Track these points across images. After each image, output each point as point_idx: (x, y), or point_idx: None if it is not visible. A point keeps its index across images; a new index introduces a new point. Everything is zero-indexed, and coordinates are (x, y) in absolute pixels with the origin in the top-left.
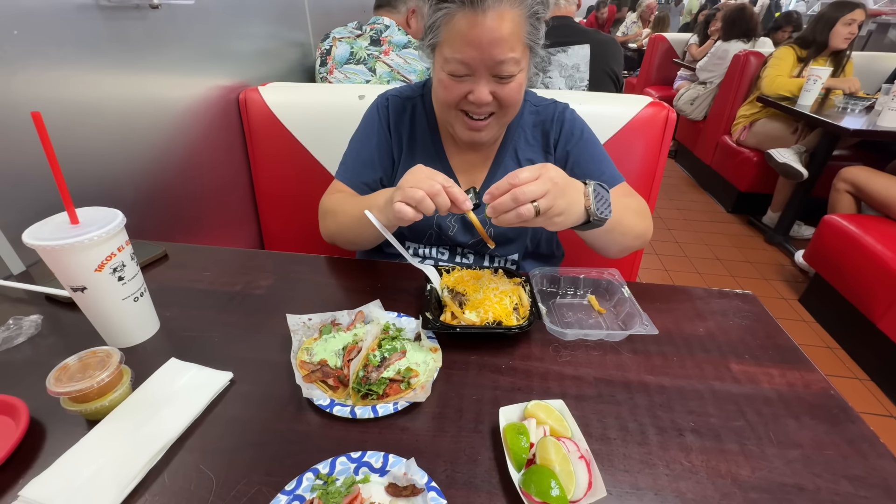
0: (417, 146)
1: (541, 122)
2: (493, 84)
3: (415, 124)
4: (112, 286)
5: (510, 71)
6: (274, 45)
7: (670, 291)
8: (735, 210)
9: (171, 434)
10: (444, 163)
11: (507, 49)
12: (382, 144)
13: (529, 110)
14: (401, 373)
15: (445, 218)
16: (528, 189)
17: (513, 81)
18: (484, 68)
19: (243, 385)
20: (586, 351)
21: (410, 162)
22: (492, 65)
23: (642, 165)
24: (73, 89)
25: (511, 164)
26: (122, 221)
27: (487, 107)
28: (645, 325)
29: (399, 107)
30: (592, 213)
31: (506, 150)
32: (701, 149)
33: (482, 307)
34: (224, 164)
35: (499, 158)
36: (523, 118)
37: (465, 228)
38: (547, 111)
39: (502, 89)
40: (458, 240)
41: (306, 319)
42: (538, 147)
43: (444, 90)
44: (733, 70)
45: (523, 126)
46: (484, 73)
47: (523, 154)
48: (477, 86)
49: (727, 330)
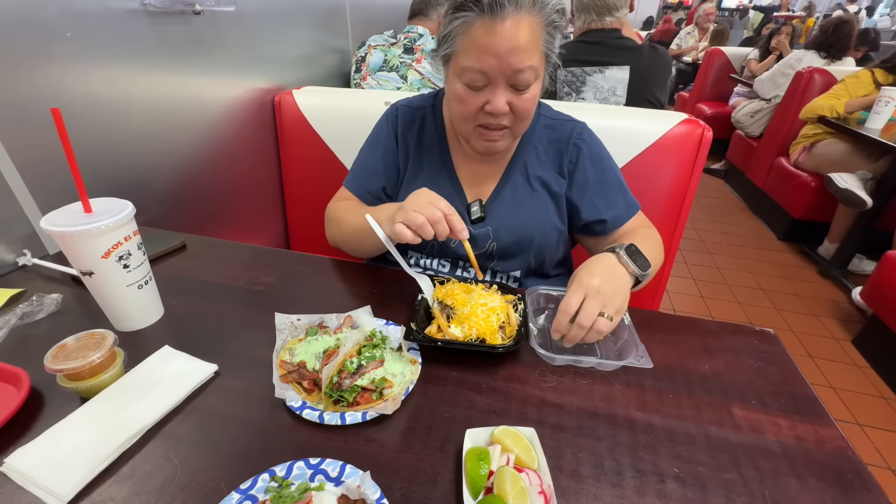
0: (425, 157)
1: (556, 140)
2: (510, 94)
3: (423, 135)
4: (117, 273)
5: (528, 80)
6: (313, 51)
7: (680, 322)
8: (787, 238)
9: (147, 419)
10: (451, 174)
11: (526, 58)
12: (388, 154)
13: (543, 124)
14: (375, 382)
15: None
16: (589, 311)
17: (528, 92)
18: (502, 77)
19: (226, 378)
20: (574, 378)
21: (417, 172)
22: (510, 74)
23: (672, 185)
24: (117, 87)
25: (520, 180)
26: (131, 213)
27: (504, 118)
28: (639, 358)
29: (409, 117)
30: (638, 276)
31: (515, 166)
32: (753, 170)
33: (468, 322)
34: (256, 164)
35: (508, 173)
36: (535, 132)
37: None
38: (563, 129)
39: (518, 100)
40: (460, 253)
41: (294, 319)
42: (550, 166)
43: (461, 103)
44: (795, 87)
45: (535, 141)
46: (501, 82)
47: (533, 171)
48: (494, 95)
49: (736, 370)
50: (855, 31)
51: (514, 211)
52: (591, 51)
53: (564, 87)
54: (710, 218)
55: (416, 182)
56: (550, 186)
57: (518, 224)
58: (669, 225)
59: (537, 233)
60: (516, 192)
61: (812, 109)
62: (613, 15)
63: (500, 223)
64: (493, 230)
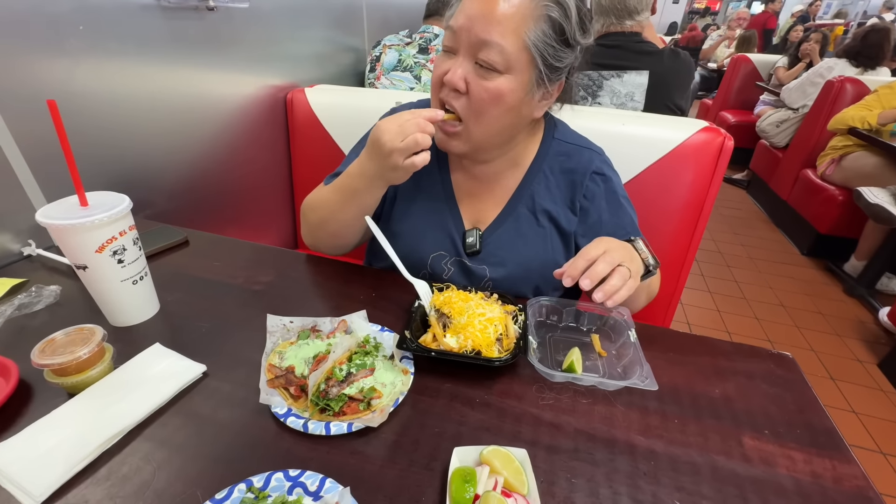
0: (423, 180)
1: (570, 171)
2: (471, 70)
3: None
4: (111, 267)
5: (491, 59)
6: (328, 49)
7: (690, 341)
8: (811, 253)
9: (129, 420)
10: (448, 195)
11: (496, 31)
12: None
13: (558, 150)
14: (363, 392)
15: (439, 260)
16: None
17: (491, 80)
18: (467, 44)
19: (214, 380)
20: (574, 397)
21: (414, 194)
22: (475, 42)
23: (690, 196)
24: (129, 82)
25: (524, 213)
26: (127, 208)
27: (458, 98)
28: (643, 379)
29: None
30: (651, 264)
31: (521, 196)
32: (778, 182)
33: (464, 333)
34: (267, 162)
35: (512, 203)
36: (548, 158)
37: (461, 273)
38: (579, 159)
39: (476, 83)
40: (456, 280)
41: (287, 322)
42: (560, 198)
43: (434, 68)
44: (824, 97)
45: (546, 169)
46: (465, 50)
47: (542, 204)
48: (454, 64)
49: (749, 395)
50: (891, 40)
51: (515, 246)
52: (609, 54)
53: (580, 90)
54: (731, 230)
55: (412, 205)
56: (559, 222)
57: (518, 261)
58: (685, 236)
59: (538, 273)
60: (519, 225)
61: (842, 120)
62: (634, 18)
63: (497, 258)
64: (489, 269)
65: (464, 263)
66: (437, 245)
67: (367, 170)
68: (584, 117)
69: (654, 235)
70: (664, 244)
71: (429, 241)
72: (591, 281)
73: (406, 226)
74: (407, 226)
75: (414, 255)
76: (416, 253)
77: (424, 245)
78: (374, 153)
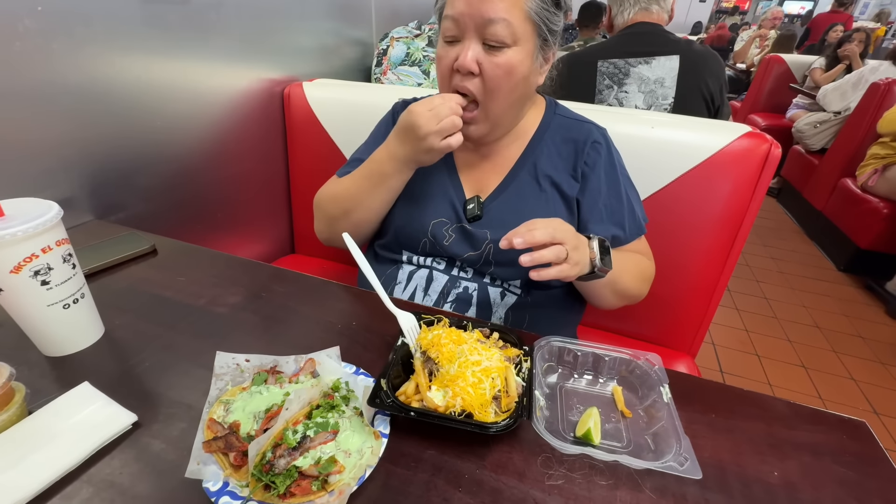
0: None
1: (572, 140)
2: (482, 52)
3: None
4: (33, 291)
5: (499, 35)
6: (332, 42)
7: (737, 399)
8: (849, 269)
9: (25, 492)
10: (450, 168)
11: (501, 9)
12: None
13: (559, 123)
14: (320, 464)
15: (440, 227)
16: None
17: (502, 55)
18: (472, 26)
19: (145, 434)
20: (589, 475)
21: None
22: (480, 23)
23: (727, 208)
24: (97, 71)
25: (527, 178)
26: (53, 219)
27: (473, 82)
28: (682, 458)
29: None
30: (597, 265)
31: (524, 164)
32: (812, 190)
33: (452, 387)
34: (261, 161)
35: (514, 171)
36: (550, 129)
37: (462, 238)
38: (580, 129)
39: (490, 61)
40: (454, 251)
41: (242, 360)
42: (563, 166)
43: (439, 63)
44: (869, 100)
45: (549, 139)
46: (472, 33)
47: (543, 170)
48: (464, 48)
49: (819, 480)
50: None
51: (517, 211)
52: (638, 41)
53: (605, 79)
54: (759, 241)
55: (414, 177)
56: (562, 188)
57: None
58: (719, 255)
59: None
60: (521, 191)
61: (892, 122)
62: (660, 4)
63: (499, 223)
64: (490, 231)
65: (465, 228)
66: (437, 212)
67: (397, 153)
68: (606, 119)
69: (684, 254)
70: (695, 264)
71: (429, 209)
72: (523, 240)
73: (406, 194)
74: (405, 192)
75: (415, 223)
76: (416, 220)
77: (425, 212)
78: (408, 137)
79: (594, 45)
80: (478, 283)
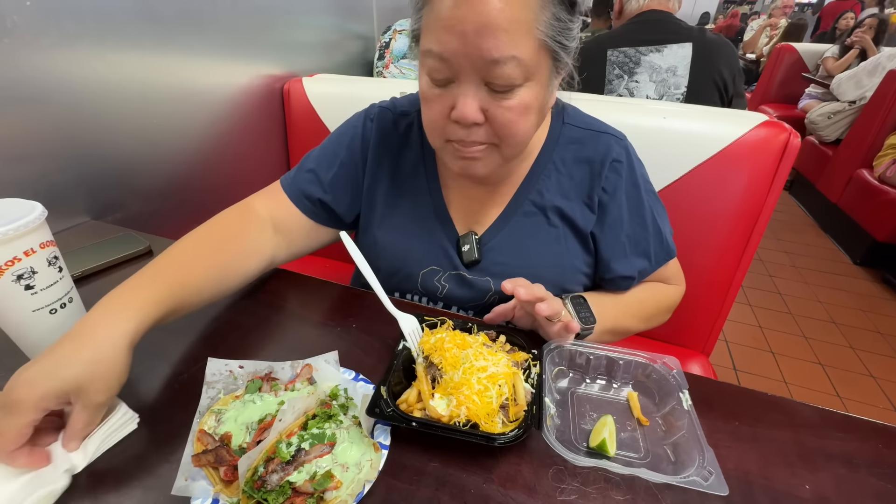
0: (405, 172)
1: (585, 160)
2: (486, 96)
3: (405, 147)
4: (16, 295)
5: (507, 77)
6: (333, 36)
7: (761, 405)
8: (866, 263)
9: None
10: (436, 199)
11: (506, 43)
12: (350, 168)
13: (569, 136)
14: (315, 479)
15: (431, 277)
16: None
17: (513, 97)
18: (470, 69)
19: (131, 446)
20: (605, 490)
21: (395, 201)
22: (481, 65)
23: (742, 202)
24: (89, 68)
25: (532, 211)
26: (36, 220)
27: (477, 132)
28: (706, 472)
29: (387, 125)
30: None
31: (527, 192)
32: (827, 182)
33: (457, 395)
34: (261, 159)
35: (516, 201)
36: (557, 148)
37: (459, 286)
38: (597, 145)
39: (497, 107)
40: (452, 300)
41: (236, 367)
42: (576, 194)
43: (426, 105)
44: (886, 88)
45: (557, 160)
46: (470, 76)
47: (552, 199)
48: (461, 95)
49: (854, 495)
50: None
51: (521, 251)
52: (649, 29)
53: (615, 68)
54: (772, 234)
55: (395, 214)
56: (574, 221)
57: (527, 268)
58: (734, 251)
59: (552, 282)
60: (527, 227)
61: None
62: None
63: (502, 267)
64: (493, 280)
65: (463, 277)
66: (426, 259)
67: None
68: (614, 110)
69: (697, 250)
70: (709, 260)
71: (416, 255)
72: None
73: (389, 238)
74: (390, 238)
75: (402, 273)
76: (403, 270)
77: (411, 260)
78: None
79: (602, 33)
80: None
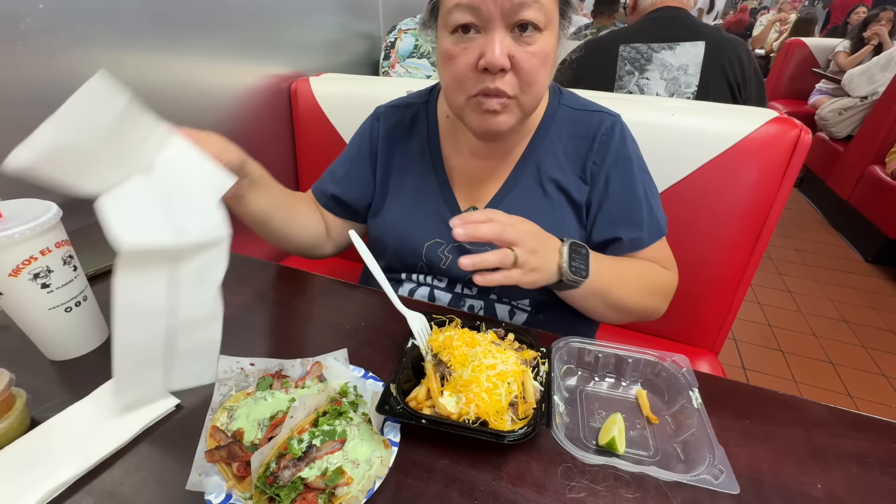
0: (412, 157)
1: (580, 136)
2: (511, 43)
3: (412, 136)
4: (33, 294)
5: (534, 18)
6: (339, 35)
7: (772, 403)
8: (878, 261)
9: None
10: (440, 175)
11: None
12: (359, 162)
13: (564, 116)
14: (326, 476)
15: (435, 249)
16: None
17: (535, 42)
18: (498, 14)
19: (146, 443)
20: (614, 487)
21: (402, 181)
22: (509, 9)
23: (752, 199)
24: (101, 67)
25: (530, 184)
26: (52, 219)
27: (505, 79)
28: (716, 471)
29: (393, 119)
30: (565, 272)
31: (525, 165)
32: (837, 179)
33: (466, 392)
34: (269, 158)
35: (515, 174)
36: (554, 125)
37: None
38: (590, 121)
39: (522, 52)
40: (454, 273)
41: (247, 364)
42: (570, 167)
43: (450, 61)
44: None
45: (553, 136)
46: (498, 22)
47: (549, 172)
48: (490, 42)
49: (867, 494)
50: None
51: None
52: (663, 25)
53: (626, 64)
54: (781, 232)
55: (401, 194)
56: (570, 192)
57: None
58: (743, 249)
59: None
60: (525, 199)
61: None
62: None
63: None
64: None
65: (464, 248)
66: (430, 233)
67: None
68: (622, 107)
69: (707, 248)
70: (718, 258)
71: (421, 230)
72: (465, 233)
73: (394, 214)
74: (396, 215)
75: (407, 246)
76: (408, 244)
77: (416, 234)
78: None
79: (615, 29)
80: (483, 301)
